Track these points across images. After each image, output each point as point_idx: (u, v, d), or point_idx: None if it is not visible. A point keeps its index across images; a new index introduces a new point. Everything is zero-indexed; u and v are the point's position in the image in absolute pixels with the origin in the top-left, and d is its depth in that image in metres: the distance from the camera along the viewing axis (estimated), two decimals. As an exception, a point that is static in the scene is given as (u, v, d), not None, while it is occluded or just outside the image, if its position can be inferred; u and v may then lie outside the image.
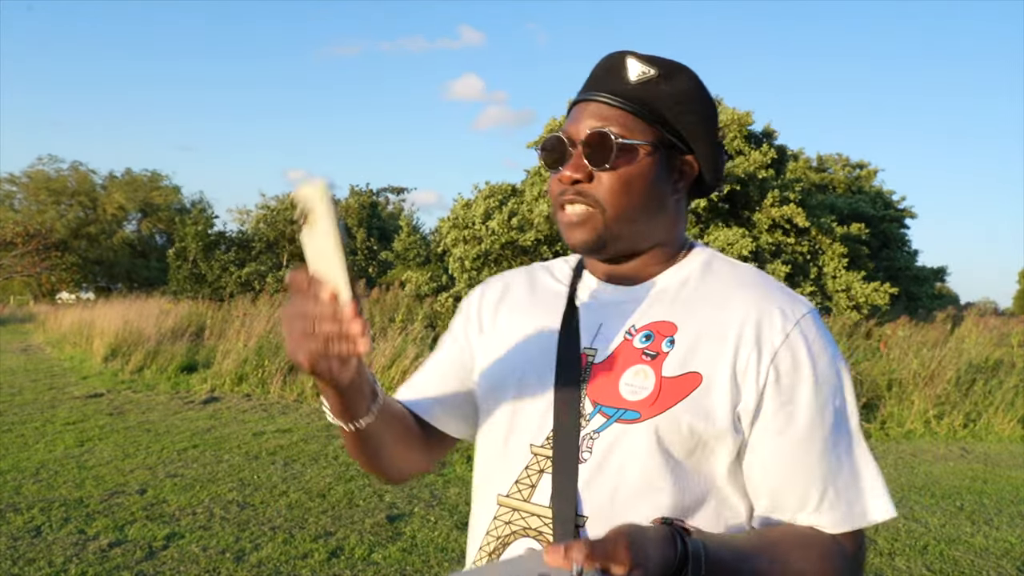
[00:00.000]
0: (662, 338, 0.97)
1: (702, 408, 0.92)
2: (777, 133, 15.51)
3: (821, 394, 0.93)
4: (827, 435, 0.93)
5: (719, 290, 1.00)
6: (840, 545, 0.94)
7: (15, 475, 4.90)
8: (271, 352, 9.06)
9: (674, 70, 1.00)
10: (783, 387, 0.93)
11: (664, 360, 0.95)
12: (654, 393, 0.94)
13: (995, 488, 5.38)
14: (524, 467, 0.99)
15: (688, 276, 1.03)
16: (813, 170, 22.05)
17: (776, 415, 0.93)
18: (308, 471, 5.15)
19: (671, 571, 0.80)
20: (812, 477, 0.93)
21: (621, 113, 0.97)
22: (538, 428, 0.99)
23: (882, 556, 3.89)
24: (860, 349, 9.73)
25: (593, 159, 0.96)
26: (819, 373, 0.94)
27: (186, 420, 6.89)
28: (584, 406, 0.97)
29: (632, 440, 0.93)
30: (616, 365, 0.97)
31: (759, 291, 0.99)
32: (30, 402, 7.77)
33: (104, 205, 38.97)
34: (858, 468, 0.95)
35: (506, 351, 1.07)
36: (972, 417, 7.47)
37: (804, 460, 0.93)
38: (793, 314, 0.96)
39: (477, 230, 14.00)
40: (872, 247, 17.88)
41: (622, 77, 0.98)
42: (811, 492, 0.93)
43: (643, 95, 0.98)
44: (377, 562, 3.58)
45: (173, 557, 3.57)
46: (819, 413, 0.93)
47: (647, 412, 0.93)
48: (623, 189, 0.97)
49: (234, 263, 24.00)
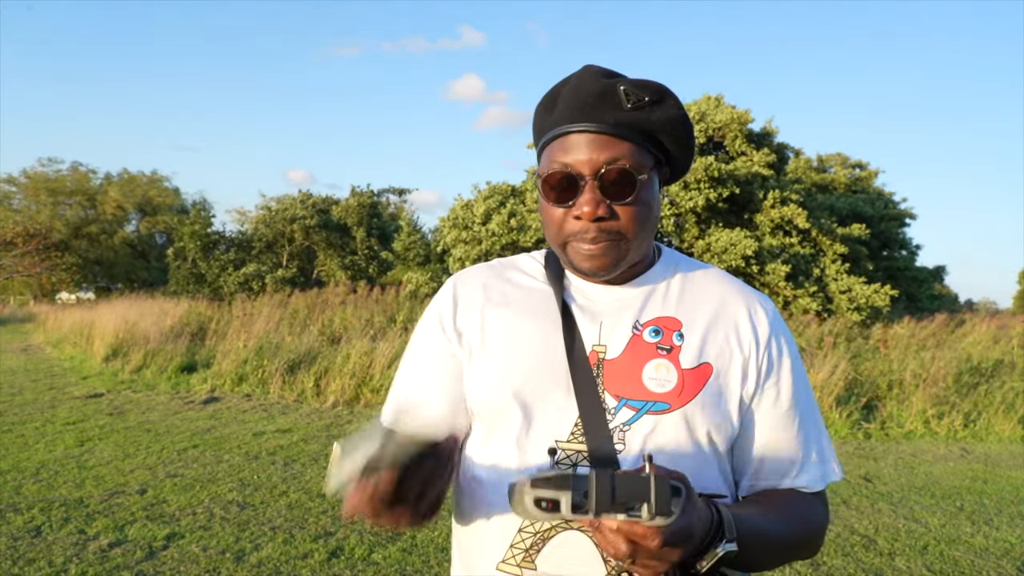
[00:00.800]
0: (671, 332, 1.04)
1: (719, 396, 1.02)
2: (777, 130, 15.51)
3: (796, 375, 1.08)
4: (804, 409, 1.08)
5: (703, 287, 1.10)
6: (817, 499, 1.09)
7: (15, 475, 4.90)
8: (271, 352, 9.06)
9: (663, 94, 1.02)
10: (773, 371, 1.06)
11: (679, 353, 1.03)
12: (679, 384, 1.01)
13: (995, 488, 5.38)
14: (554, 462, 0.98)
15: (669, 275, 1.11)
16: (813, 170, 22.03)
17: (767, 395, 1.06)
18: (308, 471, 5.15)
19: (709, 532, 0.87)
20: (795, 446, 1.07)
21: (622, 143, 0.98)
22: (560, 424, 1.01)
23: (882, 556, 3.88)
24: (860, 350, 9.73)
25: (613, 194, 0.98)
26: (794, 357, 1.09)
27: (186, 420, 6.89)
28: (606, 400, 1.00)
29: (666, 429, 0.99)
30: (633, 360, 1.02)
31: (737, 287, 1.11)
32: (30, 402, 7.77)
33: (103, 205, 38.96)
34: (823, 436, 1.10)
35: (507, 353, 1.06)
36: (972, 417, 7.47)
37: (789, 431, 1.07)
38: (769, 305, 1.11)
39: (477, 231, 14.00)
40: (872, 248, 17.86)
41: (616, 104, 0.98)
42: (795, 459, 1.07)
43: (640, 122, 0.99)
44: (377, 562, 3.58)
45: (173, 557, 3.57)
46: (796, 391, 1.07)
47: (676, 403, 1.00)
48: (644, 219, 1.02)
49: (233, 263, 24.00)
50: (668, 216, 13.88)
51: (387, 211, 28.94)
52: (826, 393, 7.54)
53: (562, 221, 1.02)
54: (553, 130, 1.02)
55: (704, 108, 14.60)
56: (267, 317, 11.25)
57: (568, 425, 1.00)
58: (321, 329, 11.09)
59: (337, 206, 26.26)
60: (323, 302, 15.32)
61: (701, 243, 13.46)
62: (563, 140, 1.01)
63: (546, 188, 1.02)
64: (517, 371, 1.04)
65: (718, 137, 14.63)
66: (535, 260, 1.17)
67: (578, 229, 1.00)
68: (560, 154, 1.00)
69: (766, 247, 13.63)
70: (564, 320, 1.05)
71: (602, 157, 0.97)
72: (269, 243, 25.59)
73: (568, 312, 1.06)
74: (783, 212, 14.00)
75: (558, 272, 1.12)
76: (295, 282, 23.40)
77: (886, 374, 8.17)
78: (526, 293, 1.11)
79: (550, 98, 1.05)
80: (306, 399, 8.01)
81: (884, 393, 7.85)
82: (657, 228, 1.08)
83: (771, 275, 13.24)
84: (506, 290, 1.12)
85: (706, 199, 13.41)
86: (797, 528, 1.04)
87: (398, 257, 23.12)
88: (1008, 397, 7.65)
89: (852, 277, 14.23)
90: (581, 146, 0.98)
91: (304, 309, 14.25)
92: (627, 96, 0.98)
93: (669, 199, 13.87)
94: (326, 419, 7.08)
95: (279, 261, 25.57)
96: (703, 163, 13.21)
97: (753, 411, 1.05)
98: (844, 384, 7.80)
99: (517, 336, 1.07)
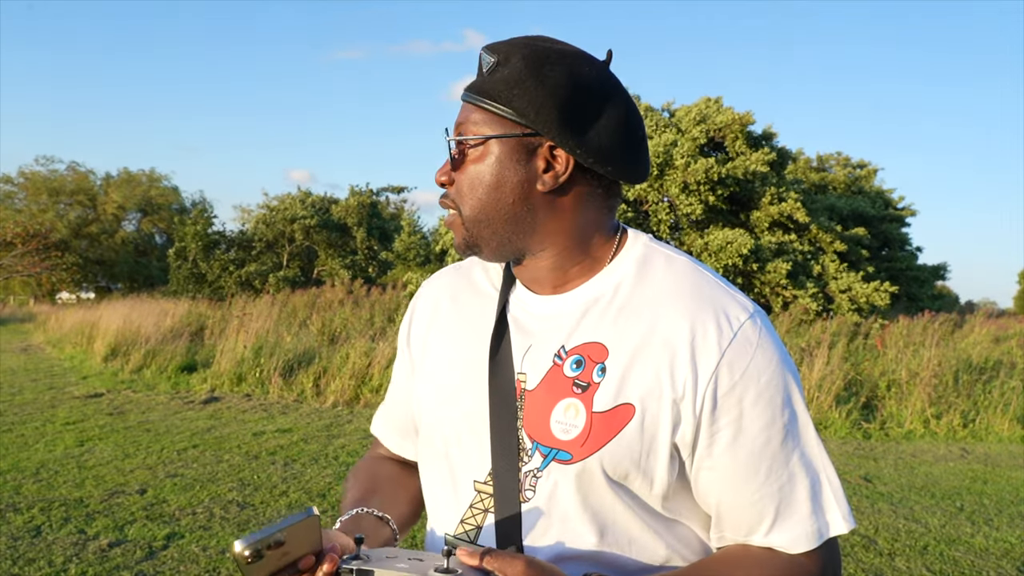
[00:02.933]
0: (593, 365, 0.90)
1: (635, 443, 0.87)
2: (777, 134, 15.52)
3: (766, 411, 0.87)
4: (776, 452, 0.88)
5: (652, 298, 0.91)
6: (801, 564, 0.88)
7: (15, 475, 4.90)
8: (270, 352, 9.06)
9: (511, 53, 0.90)
10: (724, 409, 0.86)
11: (595, 393, 0.88)
12: (584, 432, 0.88)
13: (995, 488, 5.38)
14: (469, 505, 0.95)
15: (620, 281, 0.93)
16: (813, 170, 22.05)
17: (720, 438, 0.87)
18: (308, 471, 5.15)
19: None
20: (763, 498, 0.88)
21: (475, 109, 0.92)
22: (479, 464, 0.95)
23: (882, 556, 3.89)
24: (860, 349, 9.73)
25: (454, 162, 0.94)
26: (762, 388, 0.87)
27: (186, 420, 6.89)
28: (523, 440, 0.91)
29: (566, 481, 0.89)
30: (547, 397, 0.91)
31: (695, 299, 0.89)
32: (30, 402, 7.77)
33: (104, 204, 38.99)
34: (815, 481, 0.89)
35: (439, 376, 1.02)
36: (971, 417, 7.47)
37: (752, 481, 0.87)
38: (731, 325, 0.87)
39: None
40: (872, 248, 17.87)
41: (480, 71, 0.93)
42: (764, 513, 0.88)
43: (487, 86, 0.91)
44: (377, 562, 3.57)
45: (173, 557, 3.57)
46: (764, 431, 0.87)
47: (578, 453, 0.88)
48: (470, 189, 0.92)
49: (234, 263, 24.02)
50: (666, 220, 13.90)
51: (386, 210, 28.96)
52: (825, 392, 7.55)
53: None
54: None
55: (704, 110, 14.61)
56: (266, 317, 11.24)
57: (487, 466, 0.93)
58: (321, 329, 11.09)
59: (336, 205, 26.29)
60: (323, 302, 15.33)
61: (699, 242, 13.47)
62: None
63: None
64: (445, 401, 0.99)
65: (718, 138, 14.63)
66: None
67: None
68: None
69: (764, 244, 13.62)
70: (494, 344, 0.96)
71: (456, 127, 0.94)
72: (270, 243, 25.62)
73: (503, 332, 0.97)
74: (782, 208, 14.00)
75: (512, 277, 1.02)
76: (296, 282, 23.43)
77: (885, 374, 8.18)
78: (478, 303, 1.03)
79: None
80: (306, 399, 8.01)
81: (884, 393, 7.86)
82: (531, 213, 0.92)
83: (772, 273, 13.24)
84: (461, 298, 1.06)
85: (704, 203, 13.42)
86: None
87: (398, 257, 23.15)
88: (1007, 397, 7.65)
89: (852, 274, 14.24)
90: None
91: (304, 309, 14.26)
92: (482, 61, 0.93)
93: (669, 201, 13.87)
94: (326, 419, 7.08)
95: (280, 261, 25.60)
96: (703, 165, 13.21)
97: (702, 459, 0.88)
98: (843, 383, 7.81)
99: (453, 356, 1.01)
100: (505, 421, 0.92)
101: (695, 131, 14.05)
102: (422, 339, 1.07)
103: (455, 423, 0.98)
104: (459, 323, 1.03)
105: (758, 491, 0.88)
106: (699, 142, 13.96)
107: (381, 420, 1.20)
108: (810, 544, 0.88)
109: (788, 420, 0.88)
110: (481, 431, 0.94)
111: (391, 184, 27.16)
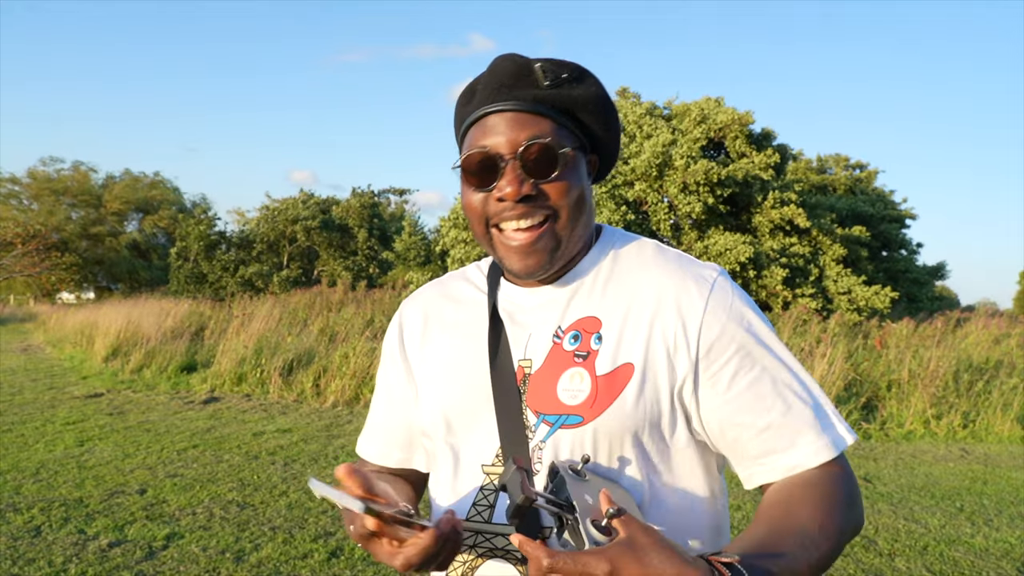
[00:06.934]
0: (589, 336, 0.96)
1: (641, 397, 0.93)
2: (776, 134, 15.51)
3: (757, 346, 0.95)
4: (775, 379, 0.94)
5: (630, 272, 1.00)
6: (829, 471, 0.93)
7: (15, 475, 4.90)
8: (270, 352, 9.06)
9: (583, 73, 0.98)
10: (718, 350, 0.94)
11: (596, 358, 0.95)
12: (592, 395, 0.93)
13: (995, 489, 5.38)
14: (480, 488, 0.97)
15: (600, 263, 1.02)
16: (813, 171, 22.04)
17: (719, 380, 0.94)
18: (308, 471, 5.15)
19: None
20: (775, 422, 0.93)
21: (542, 120, 0.93)
22: (486, 448, 0.98)
23: (882, 557, 3.88)
24: (860, 349, 9.72)
25: (536, 172, 0.93)
26: (747, 327, 0.95)
27: (186, 420, 6.89)
28: (527, 418, 0.95)
29: (581, 443, 0.92)
30: (551, 372, 0.96)
31: (668, 267, 1.00)
32: (30, 402, 7.77)
33: (106, 204, 39.05)
34: (817, 403, 0.96)
35: (441, 379, 1.05)
36: (971, 418, 7.47)
37: (762, 408, 0.93)
38: (707, 281, 0.97)
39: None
40: (872, 249, 17.85)
41: (533, 82, 0.94)
42: (781, 435, 0.93)
43: (559, 98, 0.94)
44: (377, 562, 3.57)
45: (173, 557, 3.57)
46: (759, 362, 0.94)
47: (588, 414, 0.92)
48: (575, 197, 0.95)
49: (235, 263, 24.03)
50: (666, 220, 13.88)
51: (387, 211, 28.97)
52: (825, 392, 7.53)
53: (483, 205, 0.96)
54: (472, 115, 0.97)
55: (705, 109, 14.60)
56: (267, 317, 11.24)
57: (493, 448, 0.97)
58: (321, 329, 11.09)
59: (337, 206, 26.31)
60: (323, 302, 15.33)
61: (699, 245, 13.46)
62: (482, 123, 0.95)
63: (466, 174, 0.96)
64: (449, 398, 1.03)
65: (718, 138, 14.62)
66: (479, 269, 1.12)
67: (500, 209, 0.94)
68: (479, 137, 0.95)
69: (765, 250, 13.60)
70: (492, 335, 1.01)
71: (522, 136, 0.92)
72: (271, 243, 25.63)
73: (498, 325, 1.02)
74: (783, 212, 13.99)
75: (496, 279, 1.07)
76: (297, 282, 23.44)
77: (885, 374, 8.17)
78: (466, 308, 1.07)
79: (469, 89, 1.00)
80: (306, 399, 8.01)
81: (884, 393, 7.85)
82: (589, 214, 1.00)
83: (769, 279, 13.23)
84: (447, 309, 1.09)
85: (704, 203, 13.40)
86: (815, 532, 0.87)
87: (399, 257, 23.13)
88: (1007, 397, 7.65)
89: (852, 278, 14.22)
90: (500, 126, 0.93)
91: (304, 309, 14.25)
92: (544, 73, 0.94)
93: (668, 201, 13.87)
94: (326, 419, 7.08)
95: (281, 261, 25.61)
96: (703, 166, 13.20)
97: (703, 402, 0.94)
98: (844, 384, 7.80)
99: (452, 360, 1.05)
100: (508, 403, 0.96)
101: (696, 132, 14.03)
102: (417, 348, 1.10)
103: (460, 415, 1.01)
104: (453, 328, 1.07)
105: (764, 420, 0.93)
106: (700, 143, 13.95)
107: (375, 441, 1.17)
108: (831, 453, 0.93)
109: (778, 351, 0.96)
110: (486, 417, 0.98)
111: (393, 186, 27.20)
